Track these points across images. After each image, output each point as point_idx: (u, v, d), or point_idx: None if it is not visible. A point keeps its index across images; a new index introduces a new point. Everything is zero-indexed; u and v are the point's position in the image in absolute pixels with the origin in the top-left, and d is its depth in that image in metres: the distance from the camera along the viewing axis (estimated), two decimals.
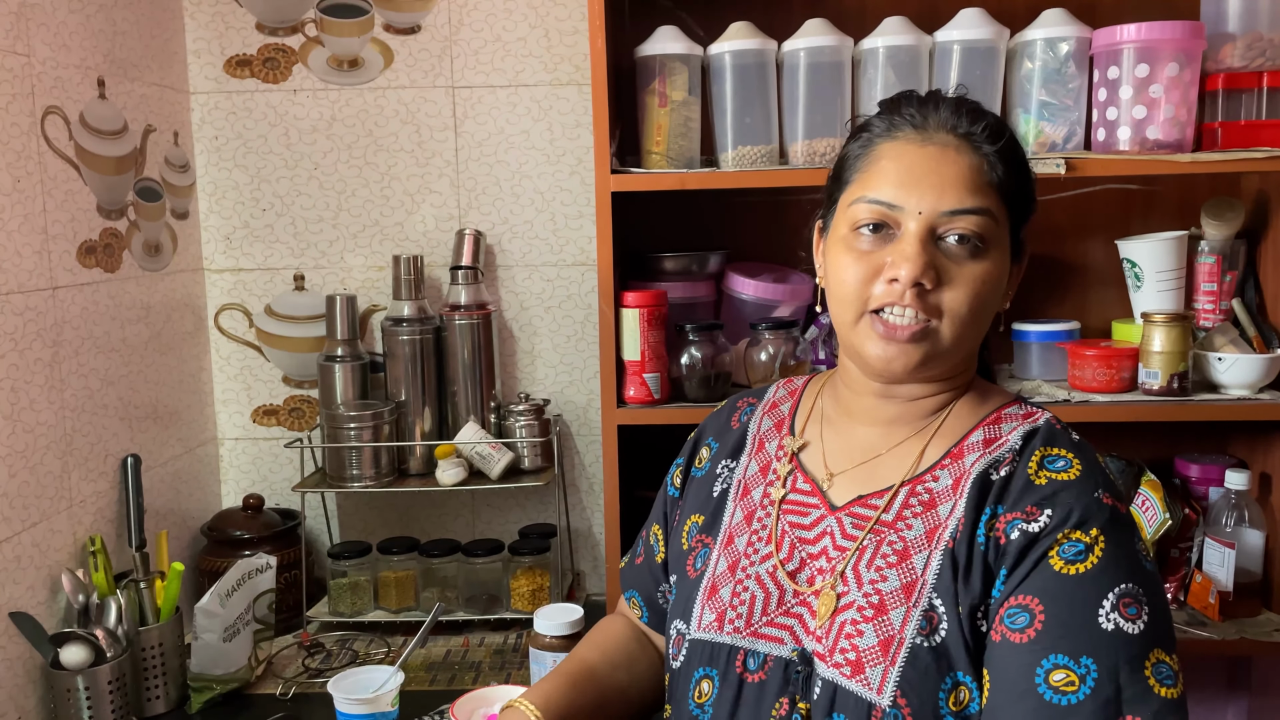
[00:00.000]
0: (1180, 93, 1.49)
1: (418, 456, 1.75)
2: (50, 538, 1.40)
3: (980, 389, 1.02)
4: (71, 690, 1.32)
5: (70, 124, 1.46)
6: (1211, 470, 1.70)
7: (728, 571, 1.02)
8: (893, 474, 0.97)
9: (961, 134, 0.94)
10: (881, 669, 0.88)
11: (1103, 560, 0.85)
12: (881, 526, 0.95)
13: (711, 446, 1.14)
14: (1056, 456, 0.92)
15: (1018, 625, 0.85)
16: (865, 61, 1.58)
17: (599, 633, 1.19)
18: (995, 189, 0.93)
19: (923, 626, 0.89)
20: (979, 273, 0.92)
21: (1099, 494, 0.89)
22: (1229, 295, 1.66)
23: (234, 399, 1.88)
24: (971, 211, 0.92)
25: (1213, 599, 1.60)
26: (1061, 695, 0.82)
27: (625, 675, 1.13)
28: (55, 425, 1.41)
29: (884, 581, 0.92)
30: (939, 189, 0.92)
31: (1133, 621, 0.84)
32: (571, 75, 1.77)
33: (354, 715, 1.28)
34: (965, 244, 0.92)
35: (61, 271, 1.43)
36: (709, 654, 0.99)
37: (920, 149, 0.94)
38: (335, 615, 1.69)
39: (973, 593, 0.89)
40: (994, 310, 0.97)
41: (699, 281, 1.73)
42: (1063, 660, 0.83)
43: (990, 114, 0.97)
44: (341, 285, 1.84)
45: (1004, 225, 0.94)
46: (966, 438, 0.97)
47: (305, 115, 1.80)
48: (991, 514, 0.91)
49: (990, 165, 0.93)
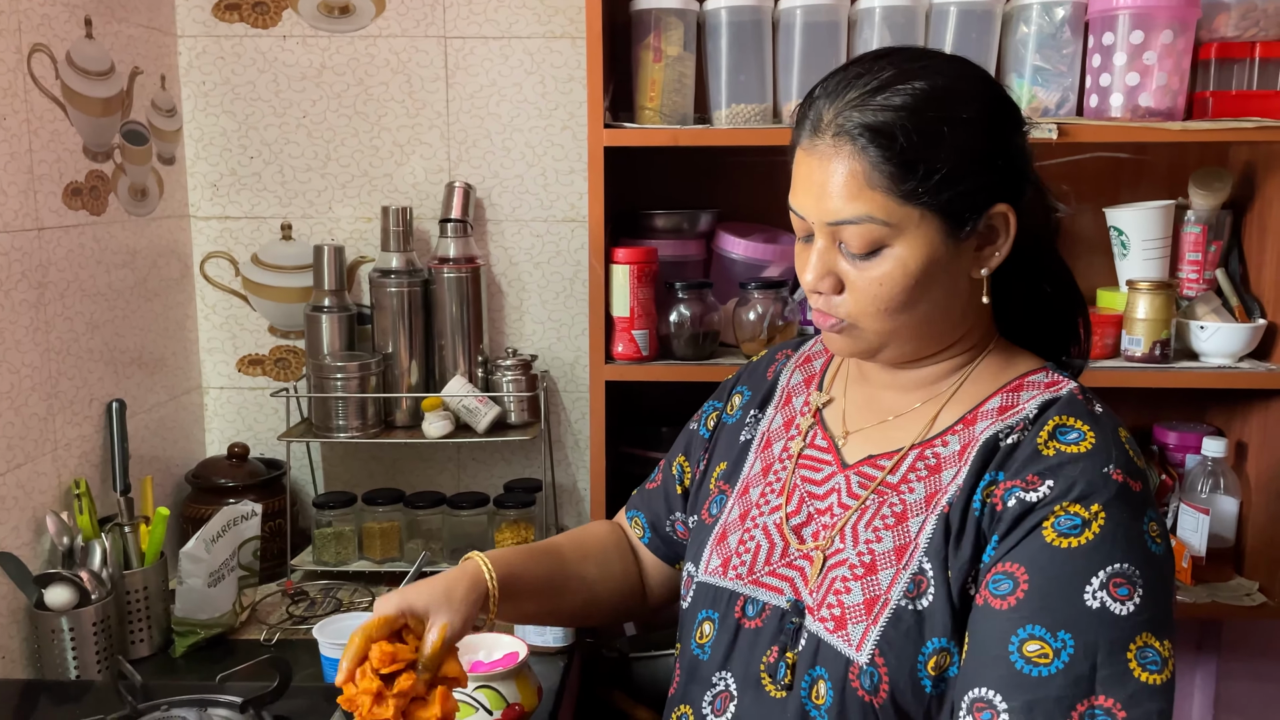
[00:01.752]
0: (1174, 61, 1.50)
1: (404, 409, 1.75)
2: (35, 480, 1.39)
3: (1005, 354, 0.99)
4: (56, 631, 1.32)
5: (57, 63, 1.43)
6: (1189, 438, 1.72)
7: (738, 520, 1.04)
8: (905, 436, 0.98)
9: (836, 134, 0.88)
10: (863, 627, 0.89)
11: (1099, 537, 0.83)
12: (885, 488, 0.95)
13: (744, 394, 1.15)
14: (1070, 428, 0.89)
15: (1000, 591, 0.85)
16: (861, 21, 1.57)
17: (580, 528, 1.23)
18: (884, 190, 0.87)
19: (910, 589, 0.89)
20: (878, 274, 0.89)
21: (1109, 469, 0.86)
22: (1213, 265, 1.68)
23: (219, 348, 1.87)
24: (848, 221, 0.89)
25: (1186, 563, 1.63)
26: (1033, 666, 0.81)
27: (594, 568, 1.16)
28: (40, 367, 1.40)
29: (878, 542, 0.93)
30: (820, 199, 0.90)
31: (1121, 602, 0.81)
32: (565, 28, 1.76)
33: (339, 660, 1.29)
34: (857, 252, 0.90)
35: (47, 213, 1.42)
36: (712, 597, 1.02)
37: (809, 155, 0.91)
38: (319, 564, 1.70)
39: (963, 558, 0.88)
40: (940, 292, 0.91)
41: (689, 240, 1.73)
42: (1039, 632, 0.82)
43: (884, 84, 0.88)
44: (329, 235, 1.83)
45: (910, 217, 0.88)
46: (983, 404, 0.95)
47: (295, 62, 1.78)
48: (991, 480, 0.89)
49: (872, 165, 0.87)
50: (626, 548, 1.22)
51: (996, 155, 0.90)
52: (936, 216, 0.88)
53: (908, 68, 0.89)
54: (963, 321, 0.96)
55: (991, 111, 0.90)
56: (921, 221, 0.88)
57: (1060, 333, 1.03)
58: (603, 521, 1.26)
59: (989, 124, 0.90)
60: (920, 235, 0.88)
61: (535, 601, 1.09)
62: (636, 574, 1.21)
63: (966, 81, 0.91)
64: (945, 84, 0.89)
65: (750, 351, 1.62)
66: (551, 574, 1.11)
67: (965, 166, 0.88)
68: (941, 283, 0.91)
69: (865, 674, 0.88)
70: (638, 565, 1.22)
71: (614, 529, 1.23)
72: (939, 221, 0.88)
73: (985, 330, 0.99)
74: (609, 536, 1.21)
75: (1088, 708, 0.79)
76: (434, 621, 0.95)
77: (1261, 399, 1.64)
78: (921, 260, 0.89)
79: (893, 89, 0.88)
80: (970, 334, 0.98)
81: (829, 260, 0.92)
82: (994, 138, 0.90)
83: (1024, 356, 1.00)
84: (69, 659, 1.33)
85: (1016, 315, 1.01)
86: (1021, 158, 0.93)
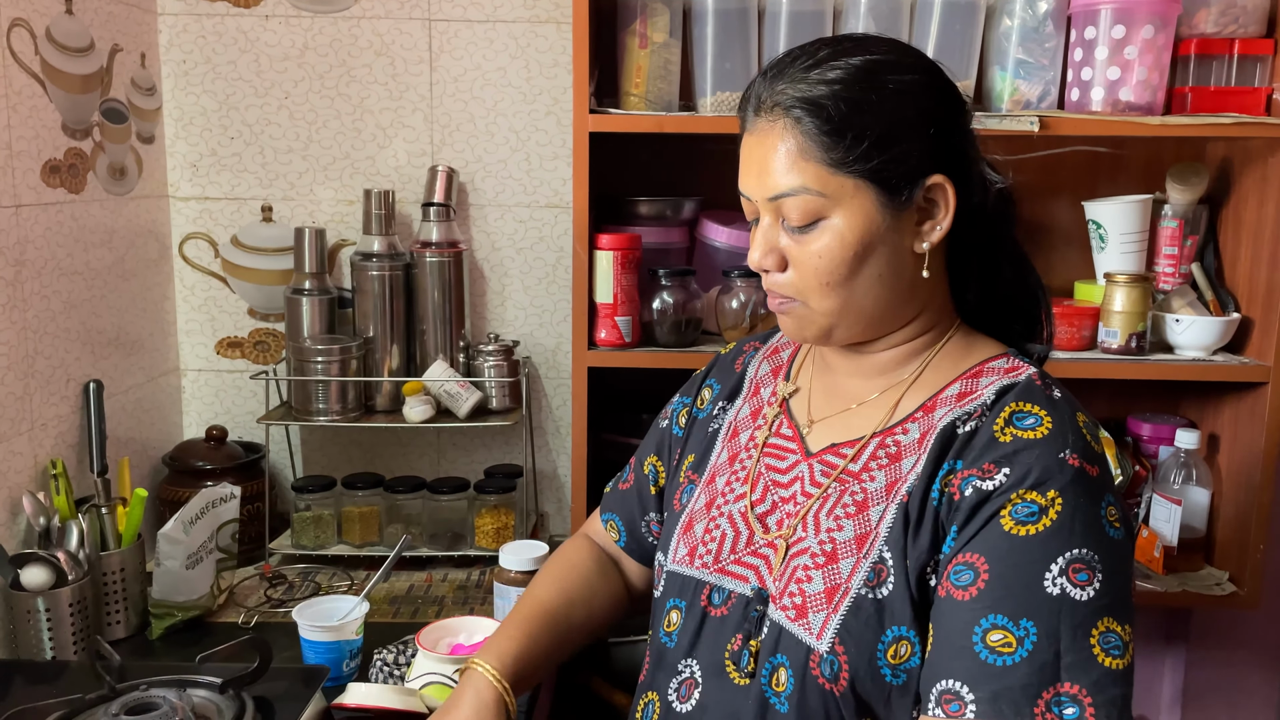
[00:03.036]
0: (1154, 56, 1.51)
1: (385, 393, 1.75)
2: (10, 459, 1.38)
3: (966, 341, 1.00)
4: (32, 611, 1.31)
5: (36, 38, 1.42)
6: (1163, 429, 1.75)
7: (704, 508, 1.05)
8: (867, 425, 0.98)
9: (773, 106, 0.91)
10: (823, 615, 0.89)
11: (1056, 523, 0.83)
12: (847, 476, 0.96)
13: (714, 388, 1.16)
14: (1026, 414, 0.89)
15: (961, 583, 0.85)
16: (847, 12, 1.58)
17: (558, 565, 1.20)
18: (818, 160, 0.89)
19: (870, 578, 0.89)
20: (817, 247, 0.91)
21: (1065, 455, 0.86)
22: (1189, 259, 1.70)
23: (198, 329, 1.85)
24: (785, 194, 0.91)
25: (1157, 553, 1.65)
26: (997, 655, 0.81)
27: (582, 611, 1.14)
28: (17, 345, 1.39)
29: (839, 531, 0.93)
30: (759, 175, 0.93)
31: (1081, 588, 0.81)
32: (551, 13, 1.75)
33: (319, 643, 1.29)
34: (796, 225, 0.92)
35: (25, 189, 1.40)
36: (680, 586, 1.02)
37: (750, 136, 0.95)
38: (298, 548, 1.69)
39: (921, 548, 0.88)
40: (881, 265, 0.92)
41: (672, 228, 1.73)
42: (1002, 621, 0.82)
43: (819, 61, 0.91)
44: (310, 218, 1.82)
45: (845, 188, 0.89)
46: (943, 391, 0.96)
47: (277, 42, 1.77)
48: (949, 469, 0.90)
49: (805, 136, 0.89)
50: (607, 564, 1.20)
51: (926, 124, 0.91)
52: (871, 186, 0.90)
53: (844, 47, 0.92)
54: (912, 299, 0.96)
55: (924, 84, 0.92)
56: (857, 192, 0.90)
57: (1021, 318, 1.03)
58: (576, 542, 1.23)
59: (919, 94, 0.91)
60: (856, 205, 0.90)
61: (541, 672, 1.09)
62: (622, 587, 1.20)
63: (900, 56, 0.93)
64: (878, 59, 0.91)
65: (733, 339, 1.63)
66: (549, 643, 1.10)
67: (894, 133, 0.89)
68: (882, 255, 0.92)
69: (825, 662, 0.88)
70: (620, 576, 1.21)
71: (589, 551, 1.21)
72: (874, 191, 0.90)
73: (945, 316, 1.00)
74: (588, 564, 1.19)
75: (1053, 695, 0.79)
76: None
77: (1234, 392, 1.67)
78: (859, 230, 0.90)
79: (827, 65, 0.90)
80: (926, 317, 0.98)
81: (772, 237, 0.94)
82: (924, 108, 0.91)
83: (985, 343, 1.00)
84: (45, 640, 1.31)
85: (974, 299, 1.01)
86: (960, 135, 0.94)
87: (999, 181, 0.98)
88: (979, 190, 0.96)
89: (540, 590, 1.15)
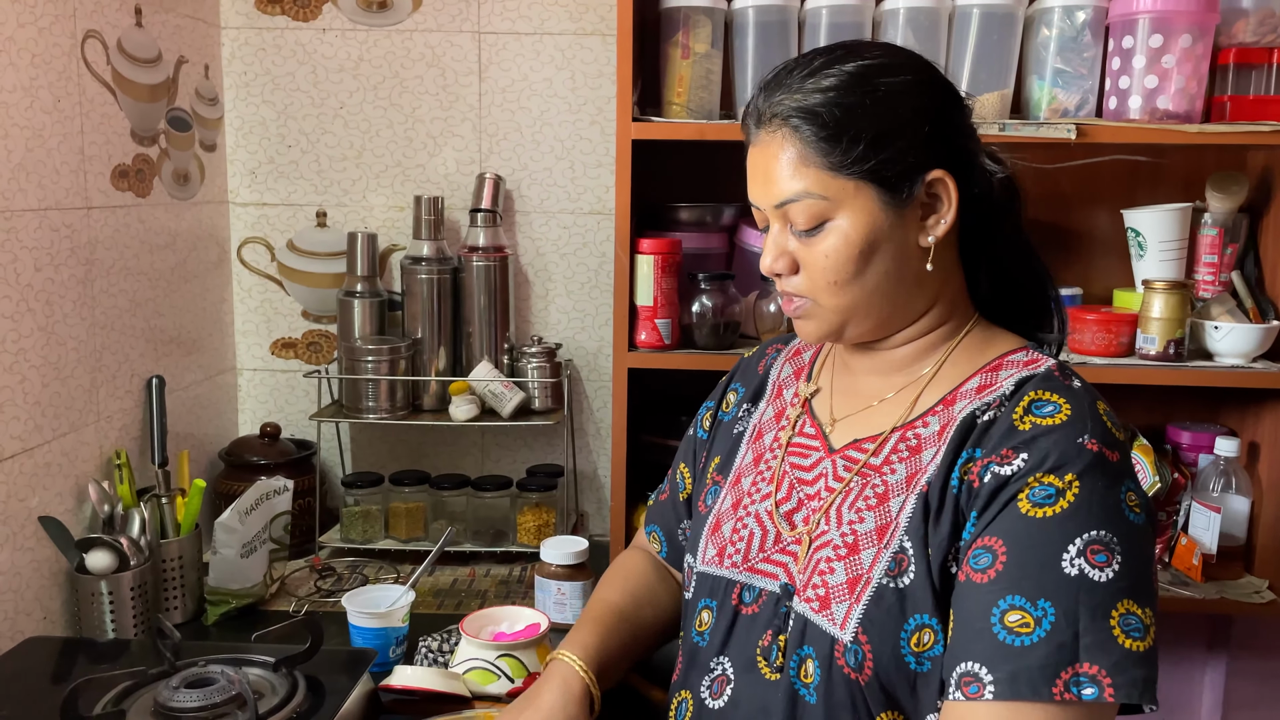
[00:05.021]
0: (1192, 65, 1.53)
1: (431, 393, 1.80)
2: (78, 449, 1.45)
3: (984, 335, 1.01)
4: (95, 594, 1.37)
5: (108, 49, 1.49)
6: (1202, 437, 1.74)
7: (731, 509, 1.07)
8: (888, 420, 1.00)
9: (771, 116, 0.94)
10: (846, 605, 0.91)
11: (1073, 505, 0.84)
12: (868, 469, 0.97)
13: (738, 391, 1.18)
14: (1045, 402, 0.90)
15: (980, 566, 0.85)
16: (886, 23, 1.61)
17: (619, 571, 1.23)
18: (817, 165, 0.92)
19: (891, 568, 0.90)
20: (824, 248, 0.94)
21: (1084, 439, 0.86)
22: (1229, 268, 1.70)
23: (254, 330, 1.92)
24: (789, 201, 0.94)
25: (1196, 561, 1.65)
26: (1015, 636, 0.81)
27: (650, 611, 1.17)
28: (86, 341, 1.46)
29: (861, 523, 0.94)
30: (765, 184, 0.96)
31: (1100, 569, 0.82)
32: (596, 25, 1.80)
33: (367, 629, 1.34)
34: (803, 229, 0.94)
35: (96, 192, 1.47)
36: (710, 586, 1.04)
37: (754, 147, 0.98)
38: (346, 542, 1.75)
39: (941, 535, 0.89)
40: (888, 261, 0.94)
41: (712, 233, 1.77)
42: (1020, 601, 0.82)
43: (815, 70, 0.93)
44: (363, 223, 1.88)
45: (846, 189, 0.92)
46: (963, 385, 0.97)
47: (333, 54, 1.84)
48: (968, 457, 0.91)
49: (804, 143, 0.92)
50: (664, 572, 1.23)
51: (921, 122, 0.93)
52: (871, 186, 0.92)
53: (836, 55, 0.95)
54: (921, 293, 0.98)
55: (916, 83, 0.94)
56: (858, 192, 0.92)
57: (1033, 309, 1.05)
58: (632, 553, 1.27)
59: (912, 94, 0.93)
60: (859, 206, 0.92)
61: (619, 669, 1.12)
62: (679, 591, 1.22)
63: (891, 59, 0.95)
64: (870, 63, 0.94)
65: None
66: (624, 639, 1.13)
67: (888, 132, 0.92)
68: (888, 251, 0.94)
69: (850, 652, 0.89)
70: (674, 582, 1.23)
71: (646, 559, 1.24)
72: (875, 191, 0.92)
73: (961, 310, 1.01)
74: (645, 569, 1.22)
75: (1072, 675, 0.80)
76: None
77: (1274, 399, 1.66)
78: (862, 230, 0.93)
79: (821, 73, 0.93)
80: (940, 310, 1.00)
81: (782, 242, 0.97)
82: (918, 106, 0.93)
83: (1004, 337, 1.01)
84: (107, 621, 1.38)
85: (986, 290, 1.03)
86: (957, 130, 0.96)
87: (998, 172, 1.00)
88: (981, 182, 0.98)
89: (606, 593, 1.18)
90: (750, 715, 0.96)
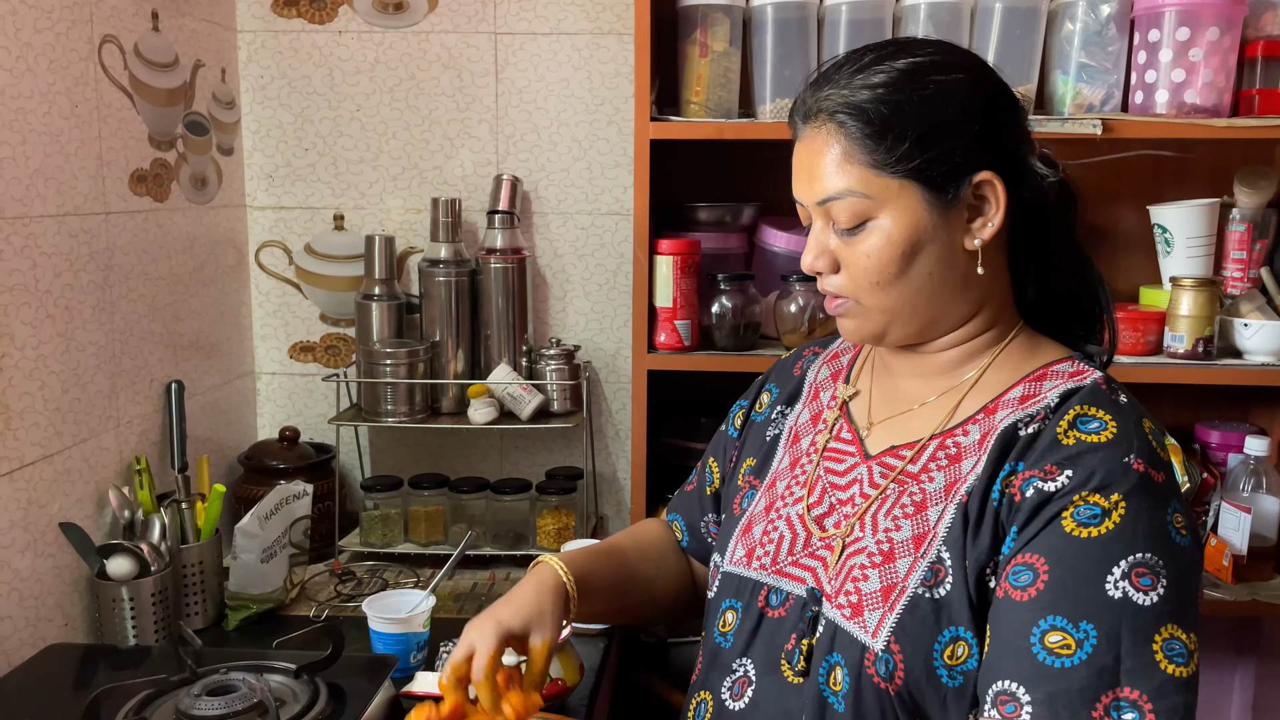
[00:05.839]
0: (1219, 58, 1.50)
1: (450, 396, 1.79)
2: (98, 454, 1.44)
3: (1029, 343, 0.99)
4: (116, 600, 1.37)
5: (125, 54, 1.49)
6: (1232, 437, 1.72)
7: (763, 511, 1.06)
8: (926, 426, 0.98)
9: (816, 112, 0.93)
10: (879, 614, 0.89)
11: (1119, 526, 0.82)
12: (906, 477, 0.96)
13: (772, 392, 1.18)
14: (1091, 417, 0.88)
15: (1020, 583, 0.84)
16: (906, 18, 1.59)
17: (636, 527, 1.26)
18: (862, 163, 0.91)
19: (928, 578, 0.89)
20: (866, 248, 0.92)
21: (1130, 459, 0.85)
22: (1258, 264, 1.68)
23: (272, 334, 1.92)
24: (832, 198, 0.93)
25: (1226, 562, 1.62)
26: (1056, 657, 0.80)
27: (654, 567, 1.19)
28: (105, 346, 1.46)
29: (897, 530, 0.93)
30: (809, 181, 0.95)
31: (1145, 593, 0.80)
32: (613, 24, 1.79)
33: (388, 634, 1.33)
34: (845, 227, 0.93)
35: (114, 197, 1.47)
36: (736, 587, 1.03)
37: (799, 142, 0.97)
38: (366, 546, 1.74)
39: (980, 548, 0.88)
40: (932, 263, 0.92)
41: (731, 233, 1.76)
42: (1061, 623, 0.81)
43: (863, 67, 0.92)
44: (380, 226, 1.88)
45: (890, 189, 0.90)
46: (1005, 393, 0.95)
47: (349, 57, 1.83)
48: (1010, 470, 0.89)
49: (849, 140, 0.91)
50: (679, 550, 1.25)
51: (971, 122, 0.91)
52: (916, 185, 0.90)
53: (888, 51, 0.93)
54: (967, 296, 0.96)
55: (969, 83, 0.92)
56: (902, 191, 0.91)
57: (1081, 319, 1.03)
58: (655, 520, 1.28)
59: (963, 93, 0.91)
60: (902, 205, 0.91)
61: (603, 601, 1.12)
62: (689, 573, 1.23)
63: (945, 56, 0.93)
64: (921, 60, 0.92)
65: (791, 344, 1.65)
66: (616, 573, 1.14)
67: (936, 132, 0.90)
68: (932, 253, 0.92)
69: (881, 660, 0.88)
70: (689, 564, 1.24)
71: (665, 528, 1.26)
72: (920, 190, 0.91)
73: (1006, 316, 0.99)
74: (663, 536, 1.24)
75: (1112, 699, 0.79)
76: (535, 640, 1.00)
77: None
78: (905, 230, 0.91)
79: (872, 70, 0.92)
80: (986, 316, 0.98)
81: (824, 240, 0.96)
82: (969, 106, 0.91)
83: (1049, 346, 0.99)
84: (128, 627, 1.37)
85: (1033, 296, 1.01)
86: (1011, 131, 0.94)
87: (1050, 176, 0.97)
88: (1033, 187, 0.95)
89: (615, 537, 1.22)
90: (771, 718, 0.95)
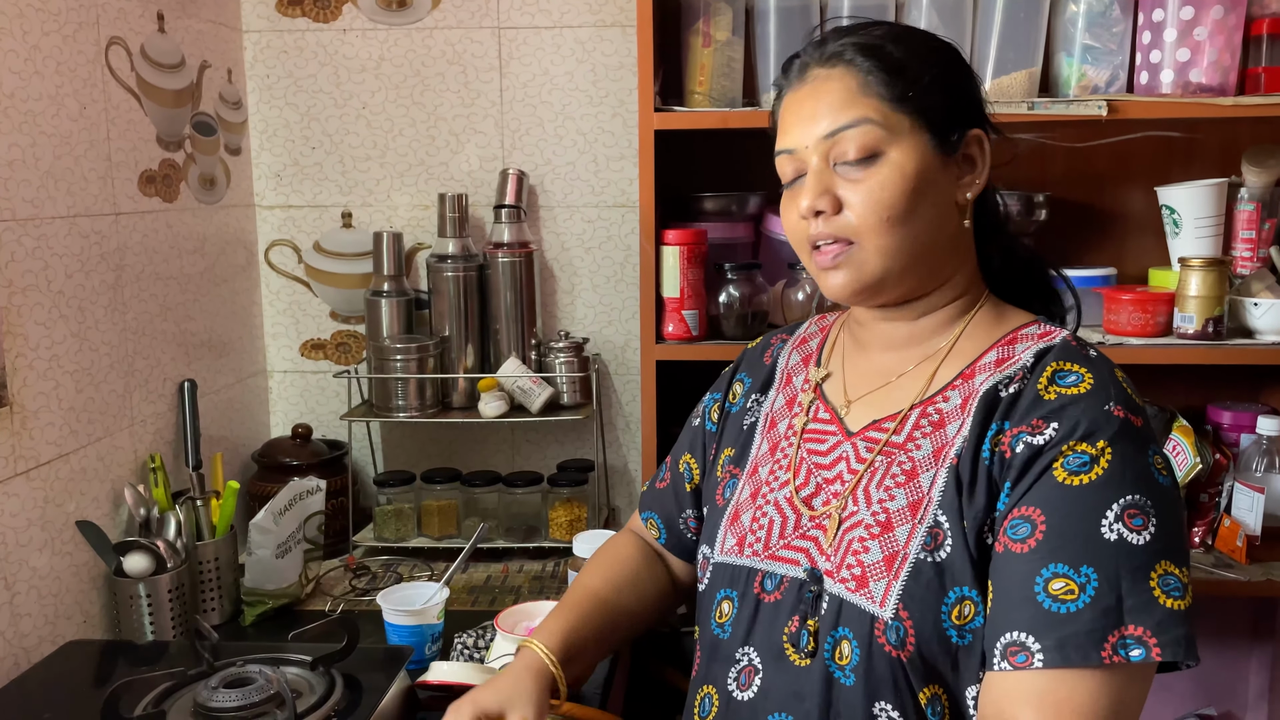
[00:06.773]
0: (1225, 36, 1.49)
1: (460, 390, 1.80)
2: (113, 453, 1.46)
3: (996, 310, 1.02)
4: (134, 597, 1.38)
5: (132, 55, 1.50)
6: (1243, 417, 1.71)
7: (749, 499, 1.06)
8: (905, 397, 0.99)
9: (829, 56, 0.96)
10: (885, 583, 0.90)
11: (1108, 471, 0.85)
12: (891, 448, 0.97)
13: (745, 382, 1.18)
14: (1068, 372, 0.91)
15: (1019, 535, 0.86)
16: (909, 5, 1.59)
17: (604, 557, 1.23)
18: (878, 96, 0.94)
19: (927, 542, 0.90)
20: (878, 179, 0.93)
21: (1110, 406, 0.88)
22: (1267, 243, 1.67)
23: (283, 332, 1.93)
24: (845, 127, 0.94)
25: (1240, 542, 1.62)
26: (1060, 603, 0.82)
27: (631, 597, 1.17)
28: (118, 346, 1.47)
29: (891, 500, 0.94)
30: (814, 119, 0.95)
31: (1138, 532, 0.83)
32: (616, 17, 1.80)
33: (402, 626, 1.34)
34: (855, 159, 0.94)
35: (124, 199, 1.48)
36: (730, 576, 1.03)
37: (801, 89, 0.98)
38: (380, 541, 1.75)
39: (977, 508, 0.90)
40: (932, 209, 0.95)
41: (738, 222, 1.76)
42: (1062, 569, 0.83)
43: (865, 25, 0.99)
44: (388, 223, 1.89)
45: (903, 124, 0.94)
46: (980, 359, 0.97)
47: (354, 55, 1.84)
48: (998, 429, 0.91)
49: (865, 74, 0.94)
50: (652, 557, 1.23)
51: (968, 80, 0.99)
52: (925, 128, 0.94)
53: (880, 21, 1.01)
54: (953, 255, 0.99)
55: (955, 54, 1.00)
56: (913, 130, 0.94)
57: (1043, 292, 1.08)
58: (623, 536, 1.26)
59: (957, 57, 1.00)
60: (913, 143, 0.94)
61: (591, 655, 1.12)
62: (667, 579, 1.23)
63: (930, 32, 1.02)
64: (915, 29, 1.02)
65: None
66: (600, 625, 1.13)
67: (943, 80, 0.96)
68: (932, 198, 0.95)
69: (891, 629, 0.89)
70: (665, 569, 1.23)
71: (634, 543, 1.24)
72: (927, 135, 0.95)
73: (975, 284, 1.02)
74: (634, 555, 1.22)
75: (1119, 638, 0.81)
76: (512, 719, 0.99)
77: None
78: (916, 166, 0.94)
79: (876, 26, 0.99)
80: (959, 282, 1.00)
81: (826, 179, 0.95)
82: (964, 68, 1.00)
83: (1015, 312, 1.03)
84: (145, 623, 1.39)
85: (998, 265, 1.05)
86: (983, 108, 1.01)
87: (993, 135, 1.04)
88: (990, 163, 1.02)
89: (587, 578, 1.18)
90: (783, 704, 0.95)
